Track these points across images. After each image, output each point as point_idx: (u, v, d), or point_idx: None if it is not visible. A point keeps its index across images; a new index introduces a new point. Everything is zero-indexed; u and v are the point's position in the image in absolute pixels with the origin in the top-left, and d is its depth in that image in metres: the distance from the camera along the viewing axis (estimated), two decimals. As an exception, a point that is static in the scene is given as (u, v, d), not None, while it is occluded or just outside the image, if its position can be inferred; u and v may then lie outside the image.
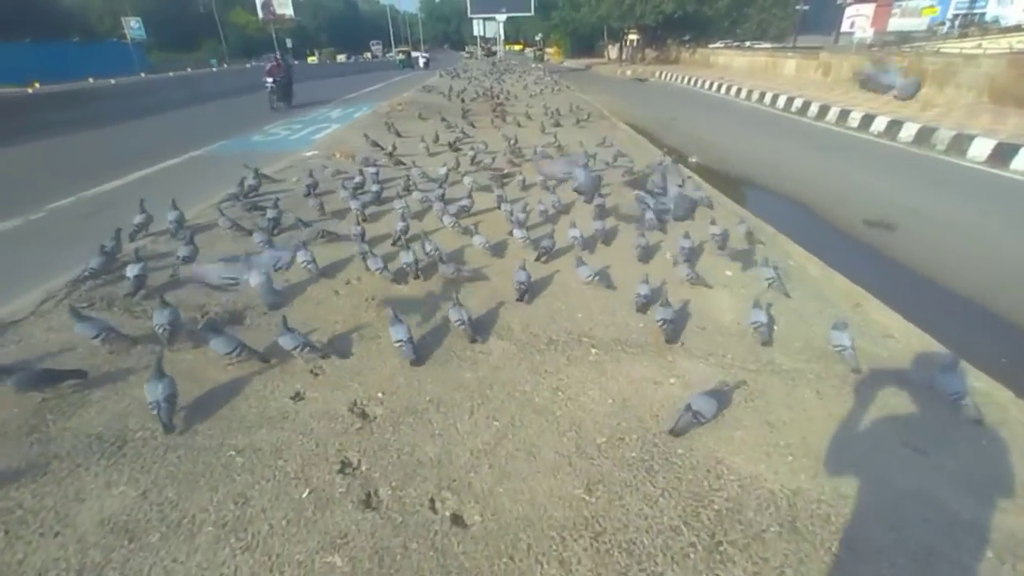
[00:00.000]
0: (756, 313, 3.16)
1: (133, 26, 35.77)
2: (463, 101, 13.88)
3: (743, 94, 19.15)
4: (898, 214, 6.42)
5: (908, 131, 10.76)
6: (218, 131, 12.87)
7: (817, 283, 3.99)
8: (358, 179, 6.01)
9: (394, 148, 7.50)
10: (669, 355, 3.02)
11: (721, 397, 2.52)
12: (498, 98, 14.73)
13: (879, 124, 11.65)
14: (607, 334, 3.24)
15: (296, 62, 24.52)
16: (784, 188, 8.06)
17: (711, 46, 35.35)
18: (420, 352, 2.96)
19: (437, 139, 8.30)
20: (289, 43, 59.61)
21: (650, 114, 15.57)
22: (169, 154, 10.00)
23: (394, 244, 4.46)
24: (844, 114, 13.00)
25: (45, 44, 30.16)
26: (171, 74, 22.91)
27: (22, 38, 30.56)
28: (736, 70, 26.82)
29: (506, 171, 6.69)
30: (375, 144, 7.64)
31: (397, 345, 2.89)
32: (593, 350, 3.07)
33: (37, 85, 16.80)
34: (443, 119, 9.85)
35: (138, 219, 4.63)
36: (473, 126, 10.06)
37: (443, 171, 6.17)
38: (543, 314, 3.49)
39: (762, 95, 17.75)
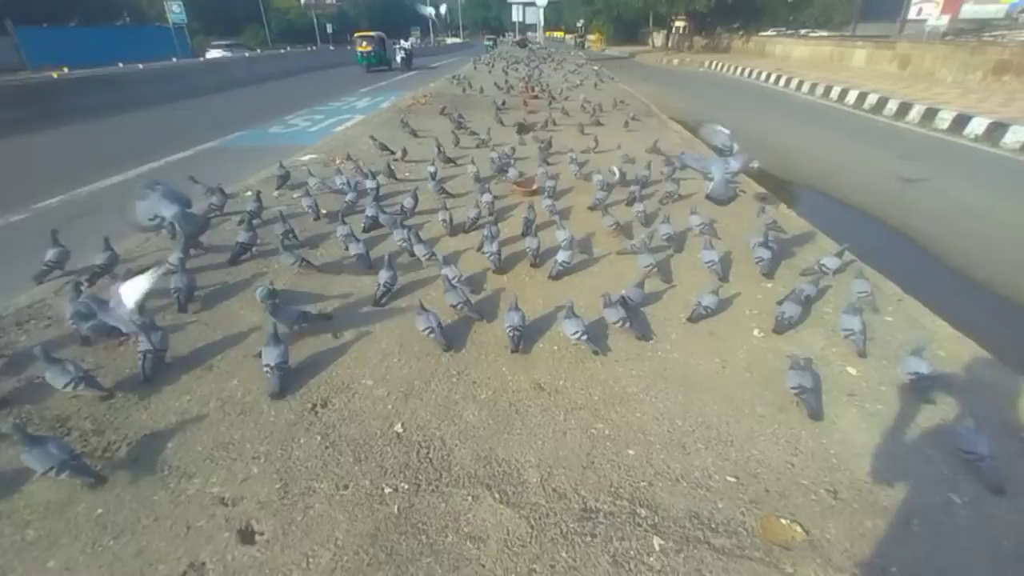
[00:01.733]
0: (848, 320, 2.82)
1: (175, 10, 35.75)
2: (482, 92, 12.74)
3: (805, 88, 17.33)
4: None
5: (1017, 135, 9.05)
6: (239, 121, 12.24)
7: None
8: (350, 196, 4.98)
9: (404, 153, 6.45)
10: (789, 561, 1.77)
11: None
12: (533, 90, 13.53)
13: (976, 126, 9.93)
14: (678, 501, 2.00)
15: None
16: (873, 209, 6.66)
17: (762, 34, 32.91)
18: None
19: (458, 142, 7.25)
20: (329, 28, 59.73)
21: (703, 108, 14.10)
22: (181, 145, 9.39)
23: (378, 303, 3.35)
24: (930, 113, 11.27)
25: (87, 28, 30.48)
26: (201, 59, 22.59)
27: (67, 22, 30.99)
28: (796, 61, 24.69)
29: (534, 187, 5.41)
30: (383, 148, 6.59)
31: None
32: (656, 541, 1.85)
33: (65, 70, 16.56)
34: (458, 119, 8.63)
35: (50, 254, 3.66)
36: (502, 123, 8.96)
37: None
38: (577, 448, 2.24)
39: (828, 89, 15.96)
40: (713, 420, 2.32)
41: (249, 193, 5.13)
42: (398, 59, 25.08)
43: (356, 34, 26.08)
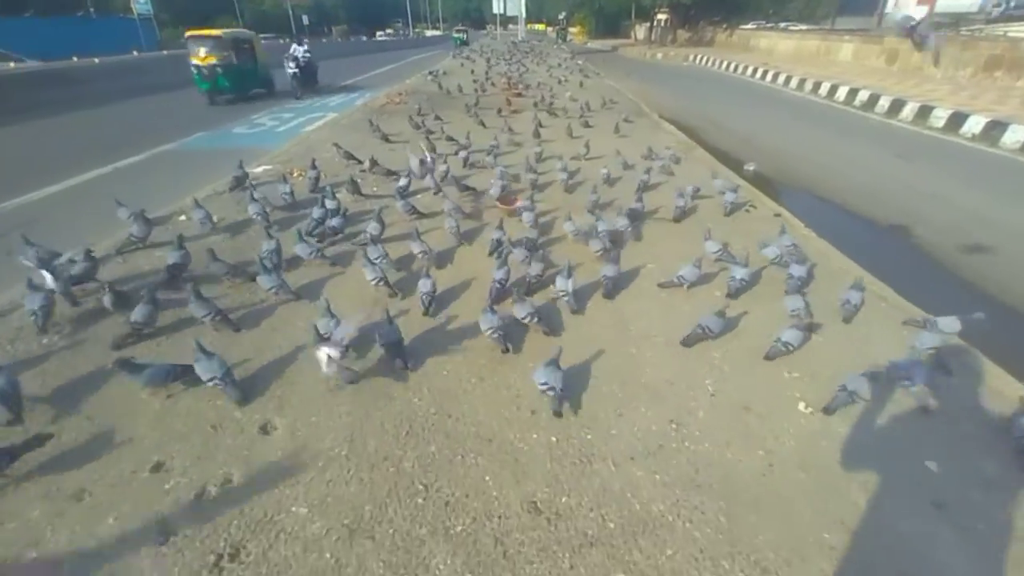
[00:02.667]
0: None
1: (139, 0, 34.09)
2: (461, 91, 11.93)
3: (793, 83, 16.92)
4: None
5: (1017, 135, 8.65)
6: (202, 119, 11.35)
7: None
8: (314, 214, 4.20)
9: (372, 164, 5.67)
10: None
11: None
12: (516, 87, 12.84)
13: (974, 125, 9.53)
14: None
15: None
16: (874, 213, 6.16)
17: (744, 27, 32.55)
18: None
19: (433, 149, 6.51)
20: (306, 20, 58.08)
21: (691, 106, 13.55)
22: (135, 148, 8.54)
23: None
24: (924, 111, 10.86)
25: (42, 19, 28.72)
26: (164, 52, 21.34)
27: (21, 13, 29.18)
28: (781, 55, 24.33)
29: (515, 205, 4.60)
30: (349, 157, 5.82)
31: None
32: None
33: (12, 65, 15.33)
34: (423, 124, 7.89)
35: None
36: (483, 125, 8.25)
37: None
38: None
39: (817, 85, 15.56)
40: (770, 559, 1.72)
41: (183, 218, 4.41)
42: (289, 73, 14.31)
43: (188, 34, 13.99)
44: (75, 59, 17.00)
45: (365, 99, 14.00)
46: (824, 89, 15.10)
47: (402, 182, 5.09)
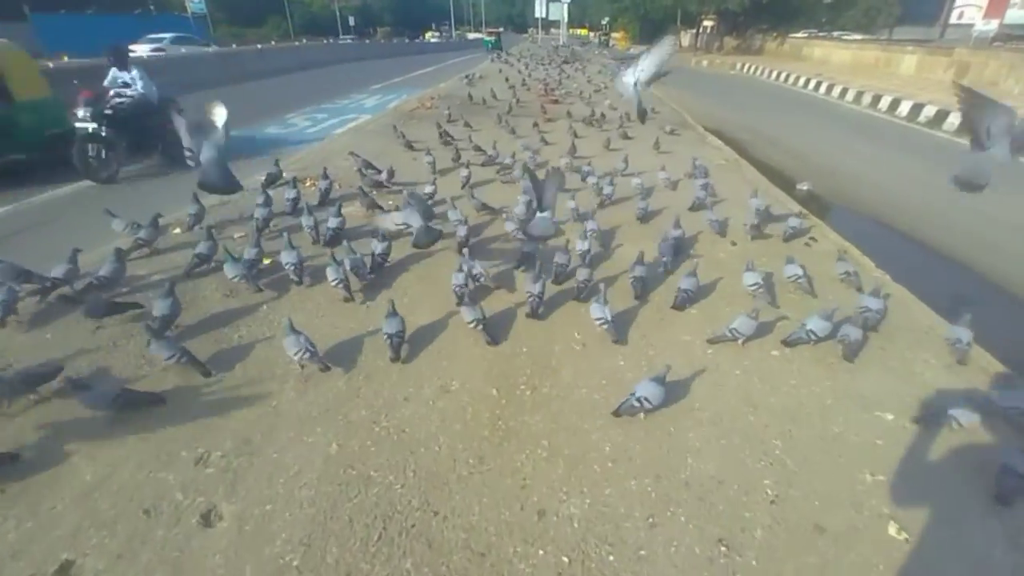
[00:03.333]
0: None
1: (194, -1, 35.19)
2: (495, 97, 11.43)
3: (850, 96, 15.87)
4: None
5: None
6: (236, 119, 11.22)
7: None
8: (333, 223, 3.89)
9: (391, 175, 5.32)
10: None
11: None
12: (553, 93, 12.33)
13: (1066, 149, 8.51)
14: None
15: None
16: (948, 244, 5.41)
17: (794, 36, 31.10)
18: None
19: (458, 157, 6.08)
20: (352, 21, 59.24)
21: (739, 118, 12.76)
22: None
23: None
24: (1002, 131, 9.83)
25: (103, 16, 29.93)
26: (209, 50, 21.82)
27: (84, 9, 30.49)
28: (836, 65, 23.02)
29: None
30: (367, 166, 5.41)
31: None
32: None
33: (65, 59, 15.77)
34: (447, 135, 7.28)
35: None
36: (515, 134, 7.79)
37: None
38: None
39: (876, 98, 14.50)
40: None
41: (177, 231, 4.14)
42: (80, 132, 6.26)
43: None
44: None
45: (402, 99, 13.81)
46: (884, 103, 14.06)
47: (428, 189, 4.87)
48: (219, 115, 3.46)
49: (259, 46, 24.38)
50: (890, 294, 3.44)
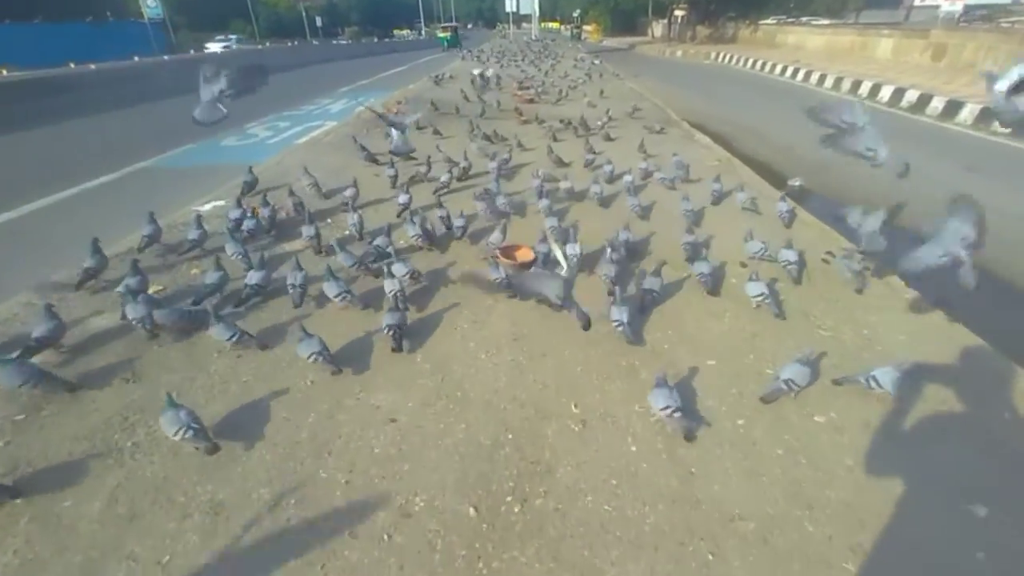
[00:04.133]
0: None
1: (149, 4, 33.69)
2: (467, 99, 10.63)
3: (828, 82, 15.61)
4: None
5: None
6: (192, 129, 10.45)
7: None
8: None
9: (355, 197, 4.69)
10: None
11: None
12: (527, 94, 11.74)
13: (1058, 132, 8.24)
14: None
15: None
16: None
17: (764, 23, 30.93)
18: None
19: (429, 169, 5.45)
20: (319, 22, 57.86)
21: (720, 110, 12.32)
22: (110, 164, 7.66)
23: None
24: (987, 114, 9.54)
25: (52, 25, 28.35)
26: (166, 57, 20.60)
27: (31, 18, 28.84)
28: (811, 52, 22.83)
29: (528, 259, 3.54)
30: (314, 188, 4.78)
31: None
32: None
33: (3, 72, 14.67)
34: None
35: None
36: (490, 140, 7.17)
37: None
38: None
39: (856, 84, 14.26)
40: None
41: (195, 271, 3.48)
42: None
43: None
44: (72, 65, 16.34)
45: (369, 104, 13.10)
46: (865, 89, 13.79)
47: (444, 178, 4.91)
48: None
49: (233, 48, 23.17)
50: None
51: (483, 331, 2.93)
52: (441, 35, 30.96)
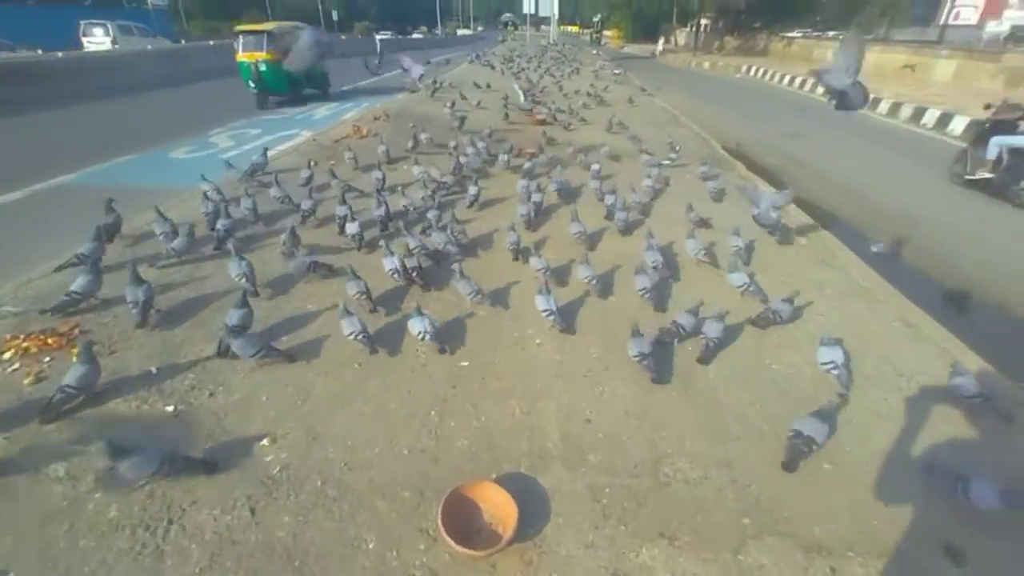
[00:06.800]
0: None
1: (154, -11, 32.42)
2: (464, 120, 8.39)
3: (883, 107, 13.72)
4: None
5: None
6: (146, 133, 9.06)
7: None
8: None
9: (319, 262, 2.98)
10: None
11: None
12: (536, 112, 9.67)
13: None
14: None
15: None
16: None
17: (787, 35, 28.99)
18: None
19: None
20: (335, 15, 56.83)
21: (761, 135, 10.56)
22: (21, 179, 6.26)
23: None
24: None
25: (48, 7, 27.08)
26: (149, 47, 18.97)
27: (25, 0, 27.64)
28: (853, 69, 20.86)
29: None
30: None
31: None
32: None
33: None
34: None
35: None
36: (473, 182, 5.41)
37: None
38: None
39: (919, 112, 12.40)
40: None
41: None
42: None
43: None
44: (39, 52, 14.85)
45: (355, 112, 11.48)
46: (930, 118, 11.94)
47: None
48: None
49: (211, 42, 21.61)
50: None
51: None
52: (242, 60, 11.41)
